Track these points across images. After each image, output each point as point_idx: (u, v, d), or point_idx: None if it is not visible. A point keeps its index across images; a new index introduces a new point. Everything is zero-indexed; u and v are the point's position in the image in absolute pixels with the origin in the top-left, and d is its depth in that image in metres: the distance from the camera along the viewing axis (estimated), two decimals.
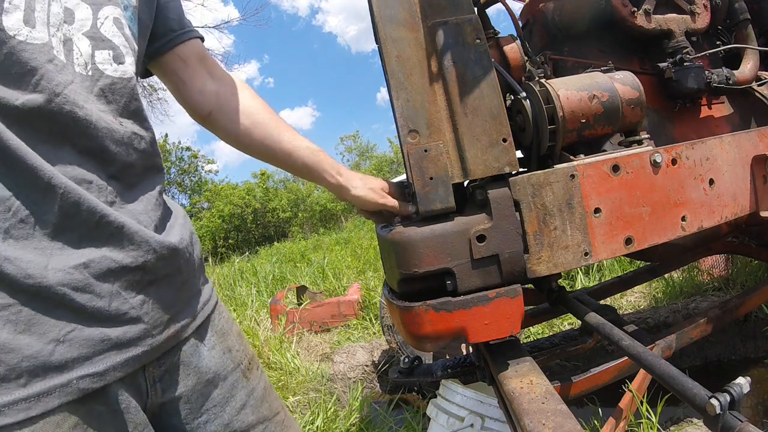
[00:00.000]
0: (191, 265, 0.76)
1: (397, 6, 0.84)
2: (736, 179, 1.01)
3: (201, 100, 0.89)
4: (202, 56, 0.90)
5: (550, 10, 1.40)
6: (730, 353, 2.47)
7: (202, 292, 0.79)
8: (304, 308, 3.83)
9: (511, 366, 0.87)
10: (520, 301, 0.80)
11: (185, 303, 0.73)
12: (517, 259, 0.81)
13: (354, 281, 4.84)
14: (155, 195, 0.73)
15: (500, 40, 1.08)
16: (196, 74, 0.88)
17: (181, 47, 0.87)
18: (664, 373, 0.75)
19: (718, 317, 1.33)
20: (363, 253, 6.66)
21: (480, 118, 0.81)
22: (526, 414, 0.70)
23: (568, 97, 0.91)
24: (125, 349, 0.61)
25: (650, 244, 0.88)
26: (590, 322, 0.99)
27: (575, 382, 1.16)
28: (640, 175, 0.88)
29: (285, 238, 15.45)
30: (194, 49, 0.89)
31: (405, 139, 0.81)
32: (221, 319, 0.83)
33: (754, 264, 2.65)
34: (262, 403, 0.83)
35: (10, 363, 0.52)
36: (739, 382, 0.65)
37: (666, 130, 1.32)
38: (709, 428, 0.66)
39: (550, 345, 1.30)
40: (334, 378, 2.95)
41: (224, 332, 0.82)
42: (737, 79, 1.32)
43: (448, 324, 0.79)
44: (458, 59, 0.82)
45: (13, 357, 0.52)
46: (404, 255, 0.81)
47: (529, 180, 0.83)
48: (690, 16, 1.30)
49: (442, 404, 1.58)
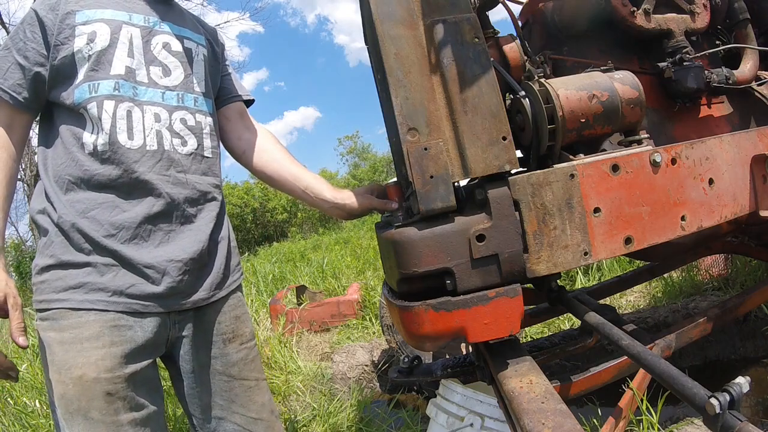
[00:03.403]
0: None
1: (396, 4, 0.84)
2: (736, 179, 1.01)
3: (238, 145, 1.26)
4: (242, 113, 1.29)
5: (550, 9, 1.40)
6: (730, 353, 2.47)
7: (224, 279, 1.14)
8: (304, 308, 3.83)
9: (511, 365, 0.87)
10: (520, 300, 0.80)
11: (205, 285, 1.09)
12: (516, 258, 0.80)
13: (353, 281, 4.84)
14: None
15: (500, 39, 1.07)
16: (235, 127, 1.27)
17: (225, 108, 1.26)
18: (664, 373, 0.75)
19: (717, 317, 1.33)
20: (362, 253, 6.67)
21: (480, 116, 0.81)
22: (526, 413, 0.70)
23: (567, 96, 0.91)
24: (164, 301, 1.01)
25: (650, 243, 0.88)
26: (590, 321, 0.99)
27: (575, 381, 1.16)
28: (639, 175, 0.88)
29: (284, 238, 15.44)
30: (236, 108, 1.28)
31: (404, 137, 0.80)
32: (235, 299, 1.17)
33: (754, 264, 2.65)
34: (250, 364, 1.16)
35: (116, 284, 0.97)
36: (738, 381, 0.65)
37: (665, 129, 1.32)
38: (709, 428, 0.66)
39: (549, 344, 1.31)
40: (334, 378, 2.95)
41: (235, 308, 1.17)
42: (737, 79, 1.32)
43: (448, 323, 0.79)
44: (457, 57, 0.82)
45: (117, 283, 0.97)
46: (404, 255, 0.81)
47: (528, 179, 0.82)
48: (690, 15, 1.30)
49: (441, 404, 1.58)
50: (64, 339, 0.94)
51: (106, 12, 1.04)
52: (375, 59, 1.05)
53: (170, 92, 1.08)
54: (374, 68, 1.13)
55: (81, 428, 0.92)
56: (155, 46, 1.08)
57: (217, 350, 1.11)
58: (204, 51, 1.18)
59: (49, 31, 0.99)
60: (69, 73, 1.00)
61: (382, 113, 1.17)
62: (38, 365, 3.08)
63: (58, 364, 0.94)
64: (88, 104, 0.98)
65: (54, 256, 0.98)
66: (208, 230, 1.09)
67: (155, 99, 1.05)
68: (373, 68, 1.16)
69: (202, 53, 1.17)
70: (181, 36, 1.14)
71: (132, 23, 1.06)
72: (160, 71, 1.08)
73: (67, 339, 0.94)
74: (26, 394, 2.70)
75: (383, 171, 23.66)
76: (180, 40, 1.13)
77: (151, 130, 1.03)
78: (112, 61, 1.01)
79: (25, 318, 0.94)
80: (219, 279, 1.11)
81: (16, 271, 13.31)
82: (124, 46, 1.03)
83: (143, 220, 1.00)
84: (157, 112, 1.05)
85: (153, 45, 1.08)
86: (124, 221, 0.98)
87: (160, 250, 1.01)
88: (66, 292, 0.96)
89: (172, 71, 1.10)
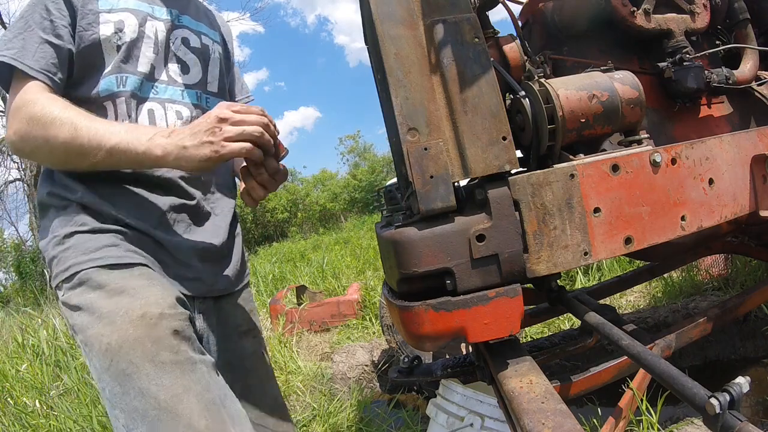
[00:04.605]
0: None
1: (396, 4, 0.84)
2: (736, 179, 1.01)
3: None
4: None
5: (550, 9, 1.40)
6: (730, 353, 2.47)
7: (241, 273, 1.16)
8: (304, 308, 3.83)
9: (511, 365, 0.87)
10: (520, 300, 0.80)
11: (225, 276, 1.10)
12: (516, 258, 0.80)
13: (353, 281, 4.84)
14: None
15: (500, 39, 1.07)
16: None
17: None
18: (664, 373, 0.74)
19: (717, 317, 1.33)
20: (362, 253, 6.67)
21: (480, 116, 0.81)
22: (526, 413, 0.70)
23: (567, 96, 0.91)
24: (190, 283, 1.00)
25: (650, 243, 0.88)
26: (590, 321, 0.99)
27: (575, 381, 1.16)
28: (639, 175, 0.88)
29: (284, 238, 15.44)
30: None
31: (404, 137, 0.80)
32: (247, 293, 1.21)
33: (754, 264, 2.65)
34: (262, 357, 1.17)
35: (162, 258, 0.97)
36: (738, 381, 0.65)
37: (665, 129, 1.32)
38: (709, 428, 0.66)
39: (549, 344, 1.30)
40: (334, 378, 2.95)
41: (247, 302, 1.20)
42: (737, 79, 1.32)
43: (448, 323, 0.79)
44: (457, 57, 0.82)
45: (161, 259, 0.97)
46: (404, 255, 0.81)
47: (528, 179, 0.82)
48: (690, 15, 1.30)
49: (441, 404, 1.58)
50: (111, 290, 0.84)
51: (129, 1, 1.00)
52: (375, 59, 1.05)
53: (190, 90, 1.06)
54: (374, 68, 1.13)
55: (150, 378, 0.77)
56: (174, 41, 1.06)
57: (232, 343, 1.11)
58: (219, 49, 1.16)
59: (75, 11, 0.93)
60: (93, 61, 0.95)
61: (382, 113, 1.17)
62: (38, 365, 3.08)
63: (109, 315, 0.81)
64: (117, 98, 0.95)
65: (81, 223, 0.91)
66: (226, 225, 1.10)
67: (175, 97, 1.03)
68: (373, 68, 1.16)
69: (217, 51, 1.15)
70: (198, 32, 1.12)
71: (155, 16, 1.03)
72: (179, 68, 1.05)
73: (114, 289, 0.84)
74: (26, 394, 2.70)
75: (382, 171, 23.71)
76: (198, 36, 1.11)
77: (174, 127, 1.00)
78: (139, 56, 0.98)
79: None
80: (237, 272, 1.13)
81: (16, 271, 13.30)
82: (150, 41, 1.00)
83: (167, 210, 0.98)
84: (178, 109, 1.03)
85: (173, 40, 1.05)
86: (149, 210, 0.96)
87: (183, 239, 1.00)
88: (100, 251, 0.88)
89: (190, 68, 1.08)
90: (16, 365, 3.17)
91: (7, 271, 14.99)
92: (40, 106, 0.86)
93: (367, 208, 19.51)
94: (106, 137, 0.84)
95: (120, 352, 0.78)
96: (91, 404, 2.36)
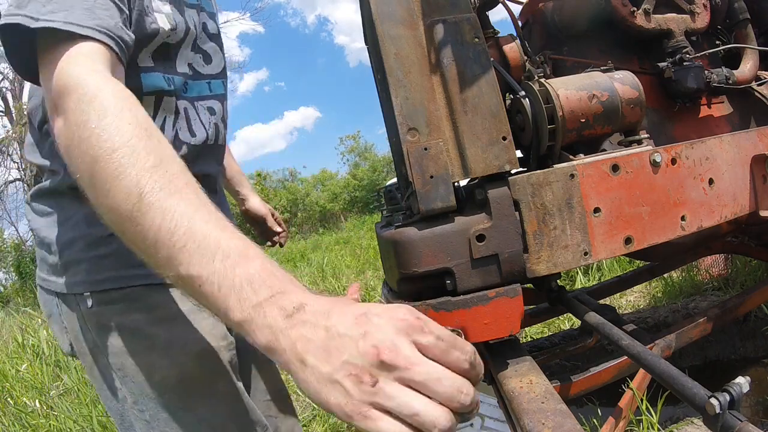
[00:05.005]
0: None
1: (396, 4, 0.84)
2: (736, 179, 1.01)
3: None
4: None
5: (550, 9, 1.40)
6: (730, 353, 2.46)
7: None
8: None
9: (511, 365, 0.87)
10: (520, 300, 0.80)
11: None
12: (516, 258, 0.80)
13: (353, 281, 4.84)
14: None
15: (500, 39, 1.07)
16: None
17: None
18: (664, 373, 0.74)
19: (717, 317, 1.33)
20: (362, 253, 6.67)
21: (480, 116, 0.81)
22: (526, 413, 0.70)
23: (567, 96, 0.91)
24: None
25: (650, 243, 0.88)
26: (590, 321, 0.99)
27: (575, 381, 1.16)
28: (639, 175, 0.88)
29: None
30: None
31: (404, 137, 0.80)
32: None
33: (754, 264, 2.65)
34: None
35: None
36: (738, 381, 0.65)
37: (665, 129, 1.32)
38: (709, 428, 0.66)
39: (549, 344, 1.31)
40: None
41: None
42: (737, 79, 1.32)
43: (448, 323, 0.79)
44: (457, 57, 0.82)
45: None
46: (404, 255, 0.81)
47: (528, 179, 0.82)
48: (690, 15, 1.30)
49: None
50: (162, 316, 0.79)
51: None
52: (375, 59, 1.05)
53: (216, 81, 0.98)
54: (374, 68, 1.13)
55: (207, 409, 0.78)
56: (199, 31, 0.95)
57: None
58: (218, 28, 1.06)
59: None
60: (138, 51, 0.79)
61: (382, 113, 1.17)
62: (38, 365, 3.08)
63: (163, 345, 0.77)
64: (164, 98, 0.85)
65: None
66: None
67: (204, 92, 0.95)
68: (373, 68, 1.16)
69: (221, 32, 1.06)
70: (212, 13, 1.01)
71: (189, 3, 0.91)
72: (201, 58, 0.95)
73: (165, 315, 0.79)
74: (26, 394, 2.70)
75: (382, 171, 23.71)
76: (213, 20, 1.00)
77: (210, 123, 0.94)
78: (180, 53, 0.89)
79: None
80: None
81: (16, 271, 13.31)
82: (190, 38, 0.91)
83: None
84: (210, 105, 0.95)
85: (199, 30, 0.95)
86: None
87: None
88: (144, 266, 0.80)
89: (212, 57, 0.98)
90: (16, 365, 3.18)
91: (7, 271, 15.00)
92: (96, 116, 0.55)
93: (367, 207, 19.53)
94: (203, 262, 0.50)
95: (178, 388, 0.77)
96: (91, 404, 2.36)
